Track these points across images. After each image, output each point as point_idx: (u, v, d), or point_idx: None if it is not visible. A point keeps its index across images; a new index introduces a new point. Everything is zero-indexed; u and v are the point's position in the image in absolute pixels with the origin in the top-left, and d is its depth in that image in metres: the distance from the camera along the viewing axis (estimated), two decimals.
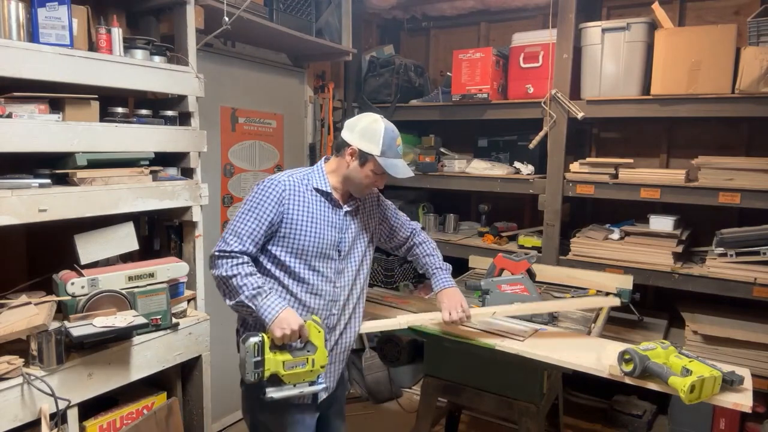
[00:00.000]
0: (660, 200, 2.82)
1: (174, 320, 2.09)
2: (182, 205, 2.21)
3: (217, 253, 1.71)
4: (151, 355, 1.99)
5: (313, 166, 1.89)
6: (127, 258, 2.20)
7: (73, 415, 1.77)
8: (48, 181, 1.80)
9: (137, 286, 1.99)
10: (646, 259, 2.89)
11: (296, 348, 1.67)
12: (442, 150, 3.77)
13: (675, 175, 2.81)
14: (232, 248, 1.70)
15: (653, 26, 2.91)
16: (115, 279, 1.95)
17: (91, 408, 1.89)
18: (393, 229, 2.07)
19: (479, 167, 3.44)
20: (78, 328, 1.73)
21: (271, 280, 1.79)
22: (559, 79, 3.05)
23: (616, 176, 2.96)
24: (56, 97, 1.84)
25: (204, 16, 2.40)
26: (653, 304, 3.39)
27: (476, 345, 1.95)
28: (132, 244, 2.14)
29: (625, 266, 2.90)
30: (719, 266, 2.70)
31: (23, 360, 1.66)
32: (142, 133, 2.07)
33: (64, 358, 1.73)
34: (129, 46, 2.09)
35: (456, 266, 3.11)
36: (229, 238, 1.72)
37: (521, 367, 2.02)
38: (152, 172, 2.09)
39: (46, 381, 1.66)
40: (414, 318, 2.06)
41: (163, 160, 2.19)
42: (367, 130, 1.78)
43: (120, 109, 2.09)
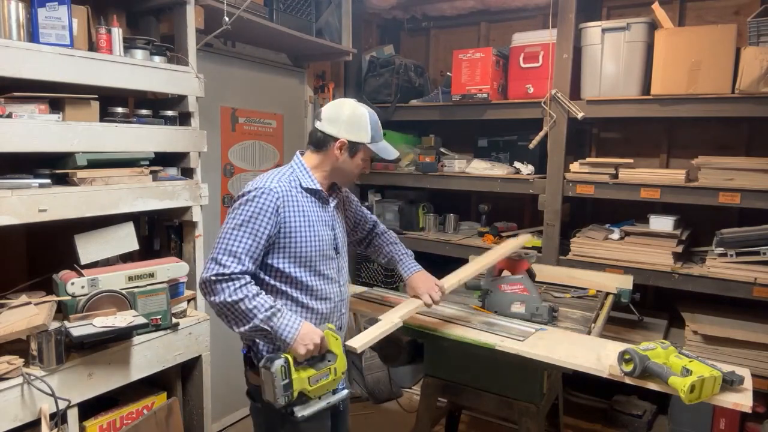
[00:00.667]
0: (660, 200, 2.82)
1: (174, 320, 2.09)
2: (182, 205, 2.21)
3: (213, 278, 1.53)
4: (151, 355, 1.99)
5: (291, 164, 1.78)
6: (127, 258, 2.20)
7: (73, 415, 1.77)
8: (48, 181, 1.80)
9: (137, 286, 1.99)
10: (646, 259, 2.89)
11: (318, 360, 1.61)
12: (442, 150, 3.76)
13: (675, 175, 2.81)
14: (232, 270, 1.53)
15: (653, 26, 2.90)
16: (115, 279, 1.96)
17: (91, 408, 1.89)
18: (357, 220, 2.06)
19: (479, 167, 3.44)
20: (78, 328, 1.74)
21: (277, 295, 1.69)
22: (559, 79, 3.05)
23: (616, 176, 2.96)
24: (56, 97, 1.85)
25: (204, 16, 2.40)
26: (653, 304, 3.38)
27: (476, 345, 1.95)
28: (132, 244, 2.15)
29: (625, 266, 2.89)
30: (719, 266, 2.70)
31: (23, 360, 1.66)
32: (142, 133, 2.07)
33: (64, 358, 1.73)
34: (129, 46, 2.09)
35: (456, 266, 3.13)
36: (225, 259, 1.55)
37: (521, 367, 2.02)
38: (152, 172, 2.09)
39: (46, 381, 1.66)
40: (402, 314, 1.98)
41: (163, 160, 2.19)
42: (353, 119, 1.72)
43: (120, 109, 2.09)
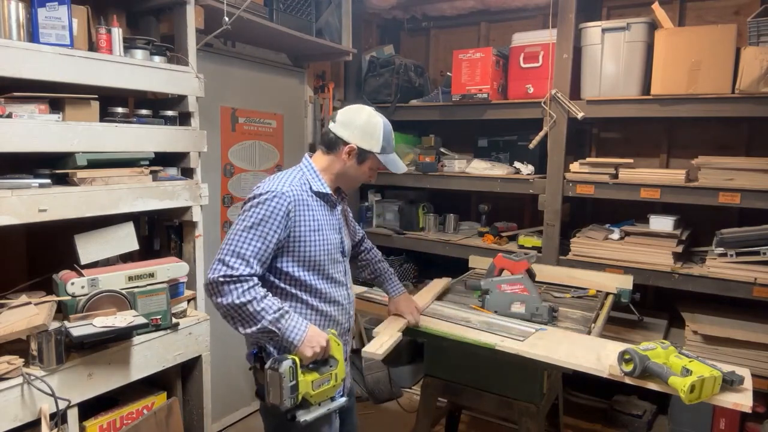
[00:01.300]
0: (660, 200, 2.82)
1: (174, 320, 2.09)
2: (182, 205, 2.21)
3: (221, 279, 1.54)
4: (151, 355, 1.99)
5: (300, 166, 1.77)
6: (127, 258, 2.20)
7: (73, 415, 1.77)
8: (48, 181, 1.80)
9: (137, 286, 1.99)
10: (646, 259, 2.89)
11: (321, 364, 1.61)
12: (442, 150, 3.76)
13: (675, 175, 2.81)
14: (240, 272, 1.54)
15: (653, 26, 2.90)
16: (115, 279, 1.95)
17: (91, 408, 1.89)
18: (352, 230, 2.05)
19: (479, 167, 3.44)
20: (78, 328, 1.73)
21: (287, 298, 1.69)
22: (559, 79, 3.05)
23: (616, 176, 2.96)
24: (56, 97, 1.84)
25: (204, 16, 2.40)
26: (653, 304, 3.39)
27: (476, 345, 1.95)
28: (132, 244, 2.14)
29: (625, 266, 2.90)
30: (719, 266, 2.70)
31: (23, 360, 1.66)
32: (142, 133, 2.07)
33: (64, 358, 1.73)
34: (129, 46, 2.09)
35: (456, 266, 3.14)
36: (233, 260, 1.55)
37: (521, 367, 2.02)
38: (152, 172, 2.09)
39: (46, 381, 1.66)
40: (400, 327, 2.01)
41: (163, 160, 2.19)
42: (367, 126, 1.71)
43: (120, 109, 2.09)
